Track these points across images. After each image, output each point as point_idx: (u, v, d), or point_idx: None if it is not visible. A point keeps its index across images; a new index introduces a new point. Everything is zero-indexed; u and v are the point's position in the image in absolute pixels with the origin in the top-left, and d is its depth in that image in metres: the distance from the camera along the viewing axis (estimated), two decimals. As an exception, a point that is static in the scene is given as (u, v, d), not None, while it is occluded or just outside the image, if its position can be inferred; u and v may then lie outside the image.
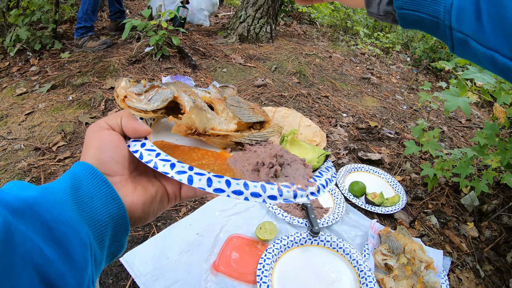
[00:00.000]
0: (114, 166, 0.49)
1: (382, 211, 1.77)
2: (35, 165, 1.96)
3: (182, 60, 3.18)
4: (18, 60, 3.29)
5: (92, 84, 2.77)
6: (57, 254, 0.37)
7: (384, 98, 3.28)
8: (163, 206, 0.55)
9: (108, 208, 0.45)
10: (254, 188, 0.48)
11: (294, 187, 0.51)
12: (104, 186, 0.46)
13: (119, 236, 0.48)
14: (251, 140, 0.62)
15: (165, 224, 1.57)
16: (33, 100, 2.65)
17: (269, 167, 0.54)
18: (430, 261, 1.44)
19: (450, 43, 0.47)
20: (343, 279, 1.37)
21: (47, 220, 0.37)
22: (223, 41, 3.84)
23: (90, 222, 0.43)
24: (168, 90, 0.58)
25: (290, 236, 1.47)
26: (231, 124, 0.63)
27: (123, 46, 3.46)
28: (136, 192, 0.50)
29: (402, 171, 2.19)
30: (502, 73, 0.44)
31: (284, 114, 0.69)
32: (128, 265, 1.36)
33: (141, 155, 0.50)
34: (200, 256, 1.41)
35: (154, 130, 0.63)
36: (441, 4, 0.45)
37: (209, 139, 0.59)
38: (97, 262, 0.44)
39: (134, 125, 0.52)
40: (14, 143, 2.18)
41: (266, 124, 0.71)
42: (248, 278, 1.33)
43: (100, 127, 0.51)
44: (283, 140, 0.66)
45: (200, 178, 0.47)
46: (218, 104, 0.67)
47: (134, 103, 0.54)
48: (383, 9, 0.52)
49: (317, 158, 0.62)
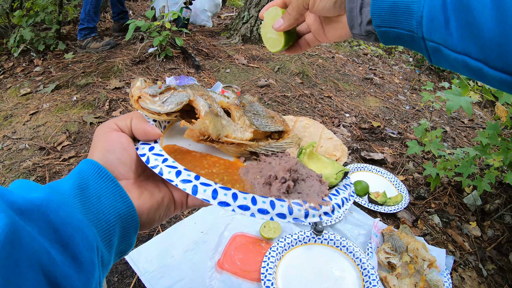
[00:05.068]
0: (120, 169, 0.48)
1: (385, 210, 1.77)
2: (40, 164, 1.98)
3: (185, 60, 3.19)
4: (22, 60, 3.31)
5: (96, 84, 2.79)
6: (64, 257, 0.37)
7: (387, 99, 3.29)
8: (169, 213, 0.54)
9: (116, 208, 0.44)
10: (263, 204, 0.46)
11: (306, 206, 0.48)
12: (111, 185, 0.45)
13: (128, 235, 0.47)
14: (267, 150, 0.59)
15: (170, 222, 1.59)
16: (37, 100, 2.67)
17: (281, 182, 0.51)
18: (433, 260, 1.45)
19: (426, 54, 0.49)
20: (347, 277, 1.38)
21: (53, 222, 0.37)
22: (226, 41, 3.85)
23: (97, 223, 0.42)
24: (184, 93, 0.56)
25: (294, 235, 1.48)
26: (247, 132, 0.60)
27: (126, 46, 3.48)
28: (142, 197, 0.49)
29: (405, 170, 2.20)
30: (476, 75, 0.46)
31: (306, 124, 0.67)
32: (133, 263, 1.37)
33: (148, 159, 0.48)
34: (204, 254, 1.42)
35: (168, 134, 0.61)
36: (414, 17, 0.47)
37: (222, 147, 0.57)
38: (105, 263, 0.43)
39: (144, 127, 0.51)
40: (19, 142, 2.20)
41: (285, 134, 0.68)
42: (253, 276, 1.34)
43: (108, 127, 0.50)
44: (300, 153, 0.63)
45: (205, 189, 0.45)
46: (235, 111, 0.64)
47: (147, 104, 0.52)
48: (365, 29, 0.54)
49: (335, 175, 0.58)
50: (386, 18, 0.50)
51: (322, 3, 0.56)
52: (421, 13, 0.46)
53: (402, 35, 0.50)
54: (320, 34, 0.66)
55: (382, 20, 0.50)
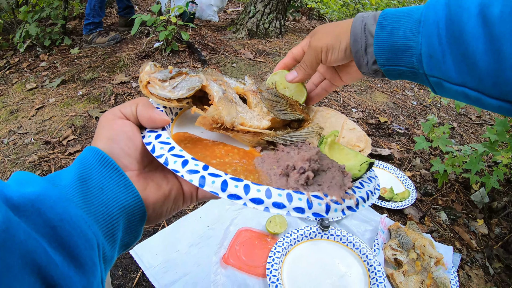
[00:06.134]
0: (124, 160, 0.45)
1: (392, 206, 1.76)
2: (46, 158, 1.98)
3: (191, 55, 3.18)
4: (28, 56, 3.32)
5: (102, 79, 2.79)
6: (62, 256, 0.34)
7: (394, 94, 3.26)
8: (177, 206, 0.51)
9: (119, 199, 0.41)
10: (278, 197, 0.41)
11: (328, 199, 0.44)
12: (115, 174, 0.42)
13: (133, 227, 0.44)
14: (286, 140, 0.55)
15: (175, 216, 1.58)
16: (43, 95, 2.67)
17: (300, 172, 0.47)
18: (439, 257, 1.44)
19: (430, 86, 0.52)
20: (353, 273, 1.37)
21: (50, 218, 0.34)
22: (232, 36, 3.83)
23: (99, 216, 0.40)
24: (197, 78, 0.52)
25: (300, 230, 1.47)
26: (264, 120, 0.56)
27: (132, 41, 3.48)
28: (147, 189, 0.46)
29: (412, 166, 2.18)
30: (476, 103, 0.48)
31: (327, 114, 0.64)
32: (138, 257, 1.37)
33: (154, 148, 0.45)
34: (210, 249, 1.42)
35: (179, 121, 0.57)
36: (413, 54, 0.50)
37: (237, 135, 0.53)
38: (107, 259, 0.41)
39: (150, 113, 0.47)
40: (25, 137, 2.21)
41: (305, 123, 0.63)
42: (258, 271, 1.33)
43: (113, 115, 0.47)
44: (321, 142, 0.59)
45: (214, 181, 0.41)
46: (251, 97, 0.60)
47: (157, 90, 0.49)
48: (371, 68, 0.57)
49: (359, 166, 0.53)
50: (388, 57, 0.53)
51: (334, 56, 0.60)
52: (420, 50, 0.49)
53: (405, 72, 0.53)
54: (336, 80, 0.70)
55: (386, 59, 0.54)
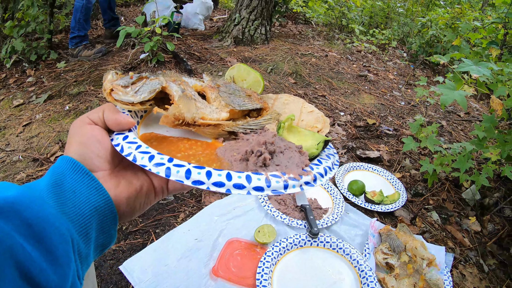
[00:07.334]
0: (96, 161, 0.48)
1: (382, 209, 1.75)
2: (34, 176, 1.96)
3: (177, 65, 3.18)
4: (15, 71, 3.30)
5: (88, 92, 2.77)
6: (38, 251, 0.37)
7: (382, 95, 3.27)
8: (149, 200, 0.54)
9: (91, 201, 0.45)
10: (238, 179, 0.45)
11: (286, 177, 0.47)
12: (86, 178, 0.46)
13: (106, 227, 0.47)
14: (245, 128, 0.59)
15: (164, 230, 1.56)
16: (30, 111, 2.65)
17: (257, 155, 0.50)
18: (432, 258, 1.43)
19: None
20: (344, 279, 1.36)
21: (26, 217, 0.37)
22: (218, 44, 3.84)
23: (72, 216, 0.43)
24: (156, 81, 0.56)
25: (289, 238, 1.46)
26: (223, 112, 0.60)
27: (118, 53, 3.47)
28: (119, 186, 0.49)
29: (402, 168, 2.18)
30: None
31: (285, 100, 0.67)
32: (127, 273, 1.35)
33: (122, 148, 0.48)
34: (199, 262, 1.40)
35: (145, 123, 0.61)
36: None
37: (199, 130, 0.57)
38: (82, 256, 0.44)
39: (116, 117, 0.51)
40: (13, 154, 2.18)
41: (263, 111, 0.68)
42: (248, 282, 1.32)
43: (82, 122, 0.50)
44: (280, 127, 0.62)
45: (178, 170, 0.44)
46: (210, 93, 0.64)
47: (120, 96, 0.52)
48: None
49: (316, 145, 0.57)
50: None
51: None
52: None
53: None
54: None
55: None
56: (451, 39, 3.78)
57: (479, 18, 4.48)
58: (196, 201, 1.75)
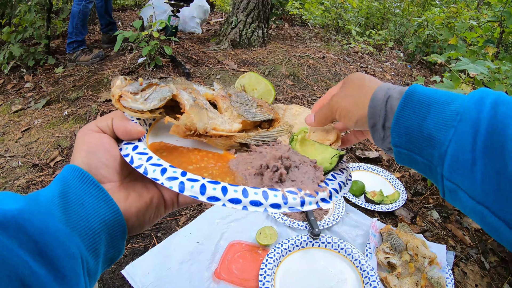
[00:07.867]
0: (104, 172, 0.46)
1: (383, 209, 1.76)
2: (34, 181, 1.96)
3: (175, 69, 3.18)
4: (13, 77, 3.29)
5: (87, 97, 2.77)
6: (46, 270, 0.35)
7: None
8: (159, 213, 0.52)
9: (100, 214, 0.42)
10: (255, 195, 0.43)
11: (302, 193, 0.45)
12: (95, 189, 0.43)
13: (115, 241, 0.44)
14: (258, 140, 0.57)
15: (165, 234, 1.57)
16: (29, 116, 2.65)
17: (273, 170, 0.49)
18: (433, 257, 1.43)
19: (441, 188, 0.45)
20: (347, 280, 1.36)
21: (32, 233, 0.35)
22: (215, 47, 3.84)
23: (81, 231, 0.40)
24: (167, 88, 0.54)
25: (290, 240, 1.47)
26: (235, 123, 0.58)
27: (116, 58, 3.47)
28: (129, 199, 0.47)
29: (401, 167, 2.19)
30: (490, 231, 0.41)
31: (296, 112, 0.66)
32: (130, 277, 1.35)
33: (132, 159, 0.46)
34: (201, 265, 1.40)
35: (154, 131, 0.58)
36: (437, 149, 0.42)
37: (211, 140, 0.55)
38: (91, 273, 0.41)
39: (125, 126, 0.48)
40: (12, 160, 2.18)
41: (275, 122, 0.65)
42: (250, 284, 1.32)
43: (89, 130, 0.48)
44: (292, 140, 0.61)
45: (193, 185, 0.42)
46: (221, 102, 0.62)
47: (129, 103, 0.50)
48: (387, 146, 0.51)
49: (330, 159, 0.55)
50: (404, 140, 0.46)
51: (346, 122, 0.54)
52: (447, 147, 0.41)
53: (418, 161, 0.46)
54: (358, 134, 0.65)
55: (402, 141, 0.46)
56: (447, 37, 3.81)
57: (475, 17, 4.51)
58: (197, 204, 1.75)
